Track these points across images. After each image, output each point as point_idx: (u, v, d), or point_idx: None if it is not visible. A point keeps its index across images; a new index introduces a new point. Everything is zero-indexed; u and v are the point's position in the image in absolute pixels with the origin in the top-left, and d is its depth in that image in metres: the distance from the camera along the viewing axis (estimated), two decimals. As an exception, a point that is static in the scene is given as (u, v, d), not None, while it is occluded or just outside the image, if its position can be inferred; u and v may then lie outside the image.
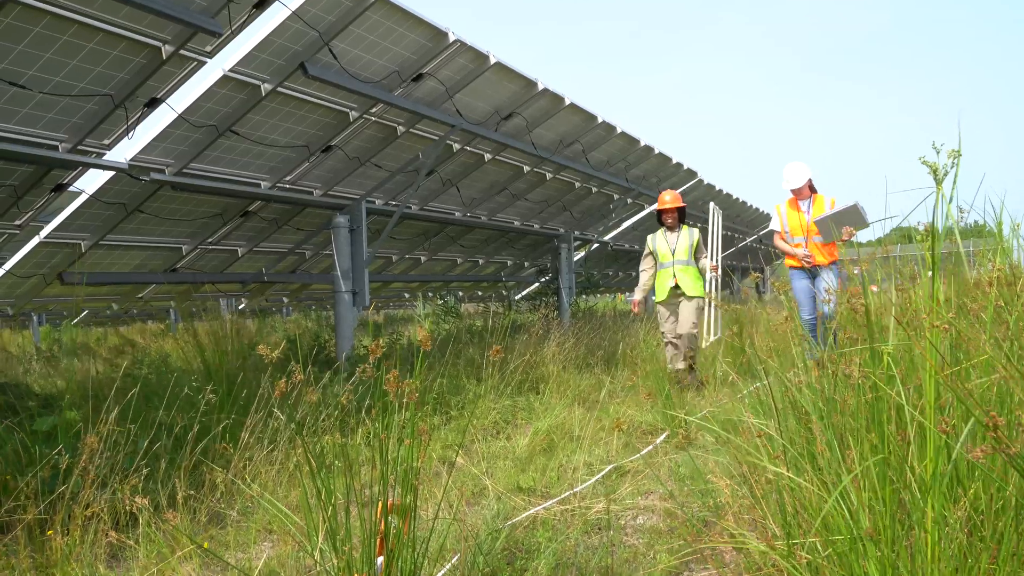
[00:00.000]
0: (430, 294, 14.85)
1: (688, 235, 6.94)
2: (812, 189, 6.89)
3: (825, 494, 1.66)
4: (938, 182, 1.68)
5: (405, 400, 1.91)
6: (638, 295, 7.13)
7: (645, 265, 7.01)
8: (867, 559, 1.45)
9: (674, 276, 6.79)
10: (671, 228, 6.92)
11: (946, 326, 1.40)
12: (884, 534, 1.44)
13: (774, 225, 7.00)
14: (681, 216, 6.98)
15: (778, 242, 6.97)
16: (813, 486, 1.70)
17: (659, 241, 6.97)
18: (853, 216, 6.28)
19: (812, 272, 6.69)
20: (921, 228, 2.03)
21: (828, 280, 6.46)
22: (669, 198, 6.98)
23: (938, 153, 1.72)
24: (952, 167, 1.67)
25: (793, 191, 6.85)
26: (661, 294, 6.83)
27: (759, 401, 2.96)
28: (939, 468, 1.40)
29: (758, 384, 4.22)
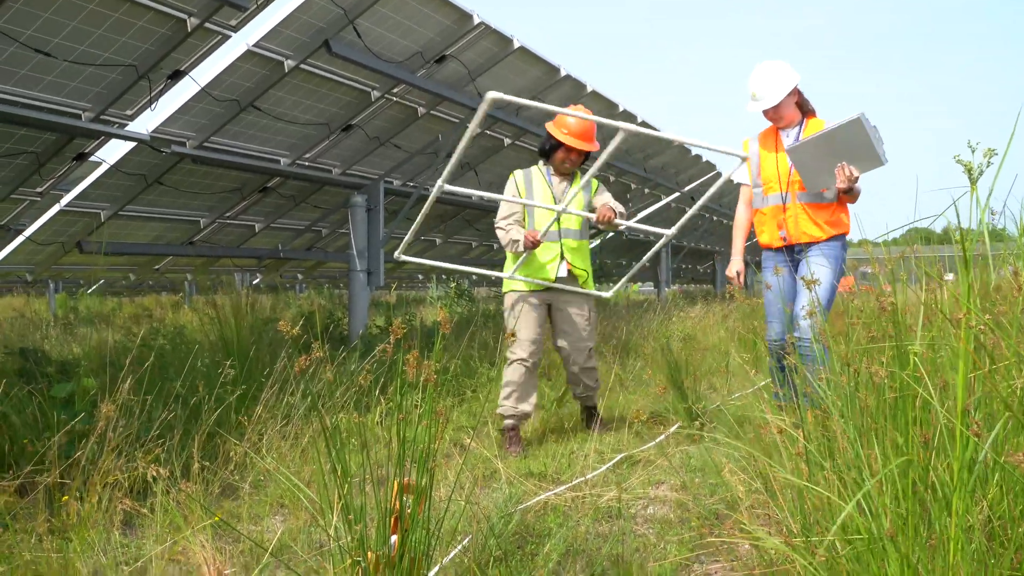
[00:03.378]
0: (444, 276, 14.87)
1: (584, 189, 4.23)
2: (804, 109, 4.09)
3: (845, 492, 1.66)
4: (972, 181, 1.66)
5: (423, 381, 1.91)
6: (522, 244, 3.95)
7: (506, 220, 4.10)
8: (887, 560, 1.45)
9: (561, 255, 4.13)
10: (562, 173, 4.23)
11: (983, 327, 1.39)
12: (906, 535, 1.44)
13: (739, 176, 4.29)
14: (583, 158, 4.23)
15: (739, 208, 4.36)
16: (832, 485, 1.70)
17: (537, 185, 4.18)
18: (855, 140, 3.56)
19: (794, 257, 4.08)
20: (938, 230, 2.01)
21: (816, 270, 3.81)
22: (579, 129, 4.10)
23: (973, 152, 1.70)
24: (987, 166, 1.65)
25: (766, 115, 4.06)
26: (530, 280, 4.10)
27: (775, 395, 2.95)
28: (964, 470, 1.39)
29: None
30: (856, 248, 4.20)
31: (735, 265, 4.27)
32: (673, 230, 3.78)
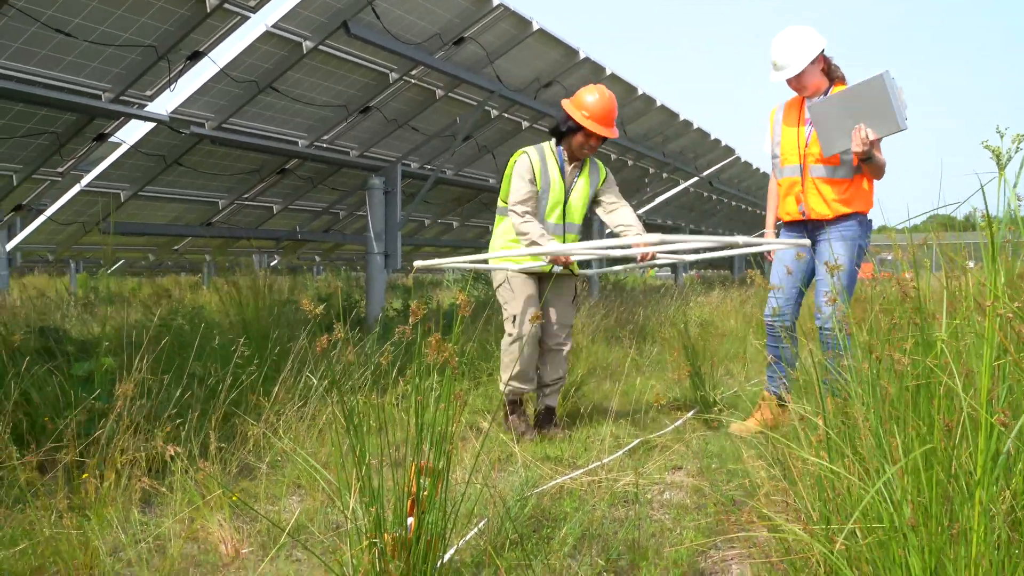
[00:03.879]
0: (460, 259, 14.84)
1: (591, 177, 4.06)
2: (831, 76, 3.87)
3: (867, 480, 1.64)
4: (1001, 167, 1.62)
5: (441, 363, 1.91)
6: (547, 242, 3.77)
7: (524, 205, 3.85)
8: (908, 549, 1.43)
9: (564, 242, 3.98)
10: (576, 157, 4.00)
11: (1011, 315, 1.36)
12: (928, 525, 1.42)
13: (765, 146, 4.15)
14: None
15: (771, 181, 4.22)
16: (854, 474, 1.68)
17: (551, 170, 3.95)
18: (874, 100, 3.41)
19: (810, 232, 3.92)
20: (960, 217, 1.98)
21: (832, 254, 3.70)
22: (602, 112, 3.84)
23: (1002, 137, 1.67)
24: (1016, 151, 1.61)
25: (789, 84, 3.88)
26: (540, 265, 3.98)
27: (796, 382, 2.93)
28: (989, 459, 1.37)
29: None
30: (877, 234, 4.03)
31: (767, 237, 4.20)
32: (687, 258, 3.82)
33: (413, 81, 6.72)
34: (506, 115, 8.26)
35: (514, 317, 3.95)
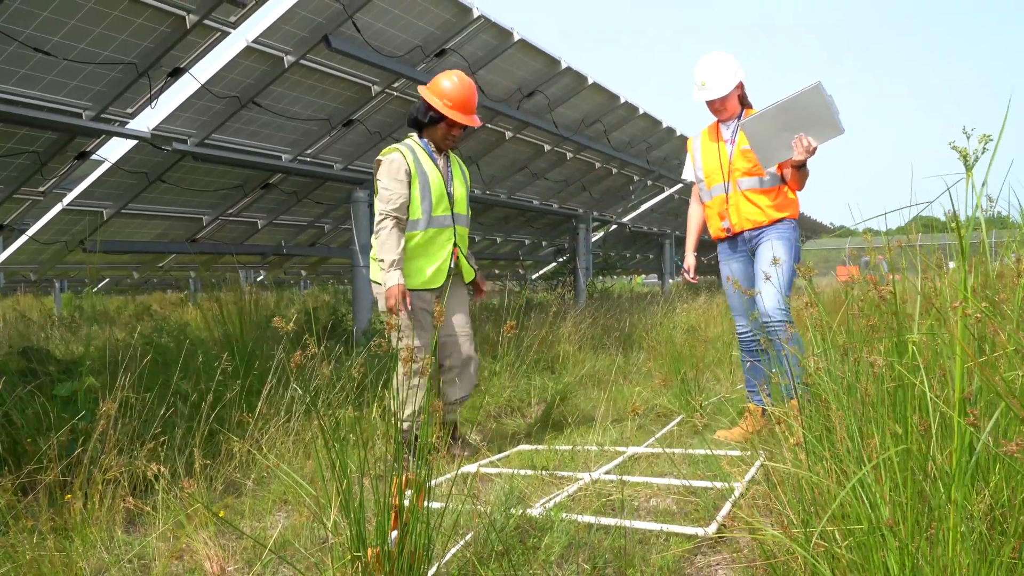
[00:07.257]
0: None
1: (461, 168, 3.96)
2: (744, 103, 4.11)
3: (845, 483, 1.65)
4: (968, 168, 1.64)
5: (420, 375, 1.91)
6: (395, 275, 3.53)
7: (399, 212, 3.61)
8: (887, 549, 1.44)
9: (454, 243, 3.77)
10: (440, 149, 3.83)
11: (978, 315, 1.38)
12: (905, 525, 1.43)
13: (686, 173, 4.33)
14: None
15: (691, 205, 4.41)
16: (831, 476, 1.69)
17: (426, 165, 3.72)
18: (813, 110, 3.52)
19: (745, 245, 4.09)
20: (943, 217, 2.00)
21: (766, 258, 3.87)
22: (463, 99, 3.72)
23: (968, 138, 1.68)
24: (983, 152, 1.62)
25: (711, 105, 4.05)
26: (438, 277, 3.70)
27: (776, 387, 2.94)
28: (963, 460, 1.38)
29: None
30: (858, 237, 4.14)
31: (687, 260, 4.40)
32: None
33: (395, 93, 6.74)
34: (489, 125, 8.29)
35: (416, 354, 3.36)
